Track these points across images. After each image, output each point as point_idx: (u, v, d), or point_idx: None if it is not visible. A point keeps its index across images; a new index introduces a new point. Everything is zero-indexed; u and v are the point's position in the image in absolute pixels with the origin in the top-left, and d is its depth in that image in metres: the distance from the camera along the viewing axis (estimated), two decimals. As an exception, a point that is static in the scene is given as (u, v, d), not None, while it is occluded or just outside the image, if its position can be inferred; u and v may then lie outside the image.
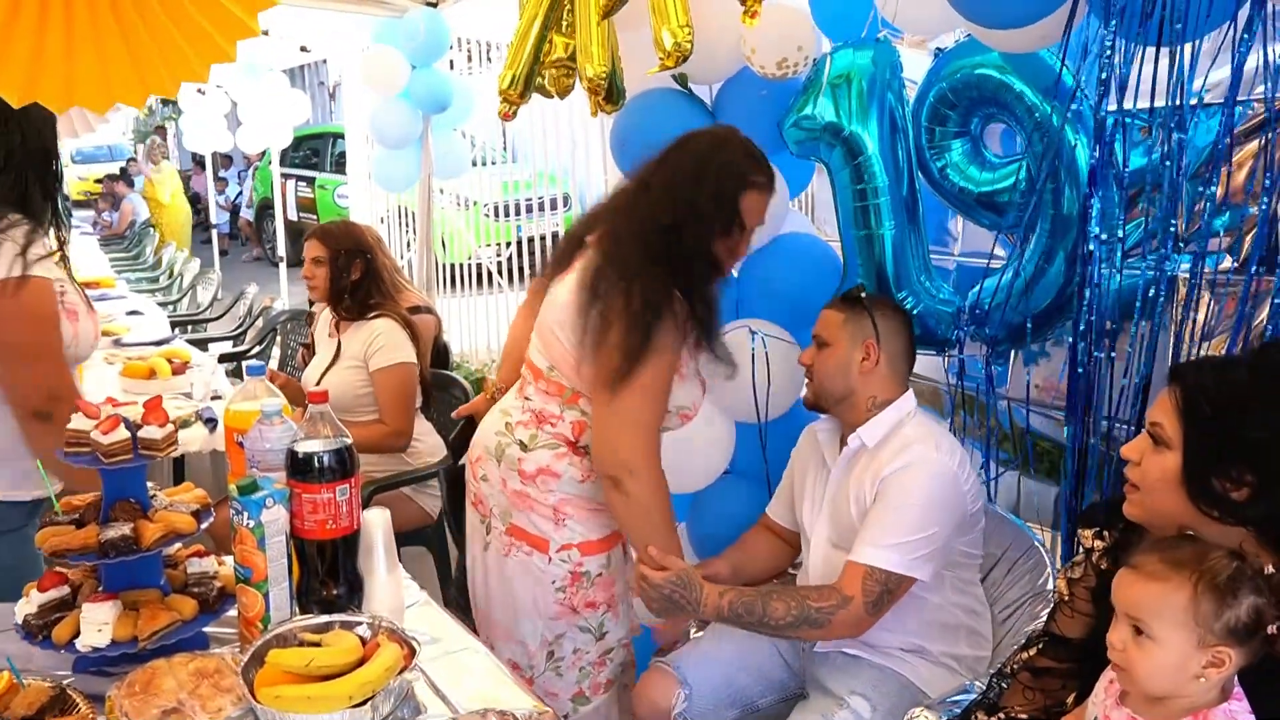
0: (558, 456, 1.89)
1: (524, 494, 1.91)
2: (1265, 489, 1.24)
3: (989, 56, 2.00)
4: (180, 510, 1.54)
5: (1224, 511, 1.26)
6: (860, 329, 1.91)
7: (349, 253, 2.97)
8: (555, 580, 1.91)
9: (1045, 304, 2.02)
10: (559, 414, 1.90)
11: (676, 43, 1.73)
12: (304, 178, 11.73)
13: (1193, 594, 1.15)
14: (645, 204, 1.87)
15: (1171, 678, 1.17)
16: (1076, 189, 1.89)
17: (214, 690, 1.37)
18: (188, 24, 1.19)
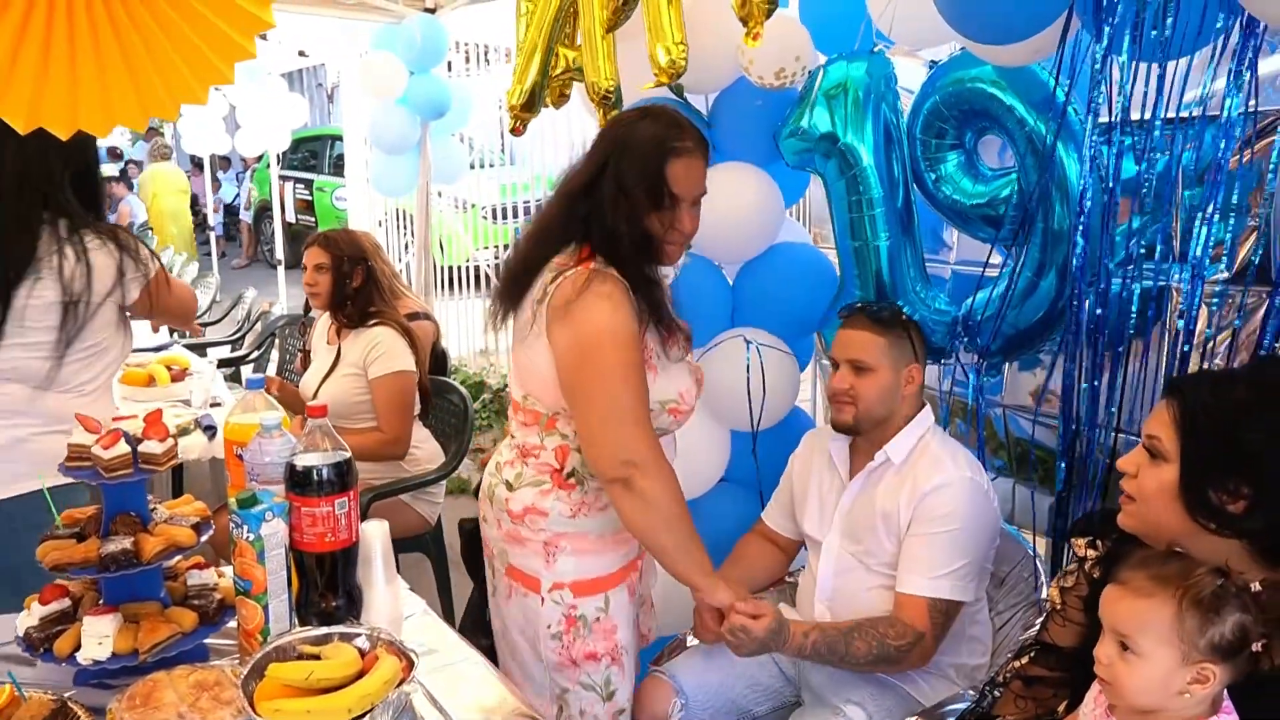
0: (542, 494, 1.81)
1: (515, 533, 1.84)
2: (1261, 501, 1.26)
3: (982, 70, 2.01)
4: (180, 523, 1.56)
5: (1221, 524, 1.27)
6: (903, 353, 1.91)
7: (351, 260, 2.98)
8: (550, 625, 1.83)
9: (1037, 317, 2.04)
10: (540, 443, 1.82)
11: (671, 59, 1.74)
12: (302, 180, 11.74)
13: (1177, 610, 1.16)
14: (571, 185, 1.82)
15: (1157, 693, 1.18)
16: (1068, 204, 1.91)
17: (214, 703, 1.38)
18: (186, 47, 1.21)
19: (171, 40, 1.19)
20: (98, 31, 1.19)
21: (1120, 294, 1.85)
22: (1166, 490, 1.31)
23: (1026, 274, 2.01)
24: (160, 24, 1.23)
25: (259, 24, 1.24)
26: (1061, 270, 1.95)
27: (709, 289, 2.52)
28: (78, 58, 1.17)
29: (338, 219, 10.10)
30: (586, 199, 1.77)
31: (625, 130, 1.78)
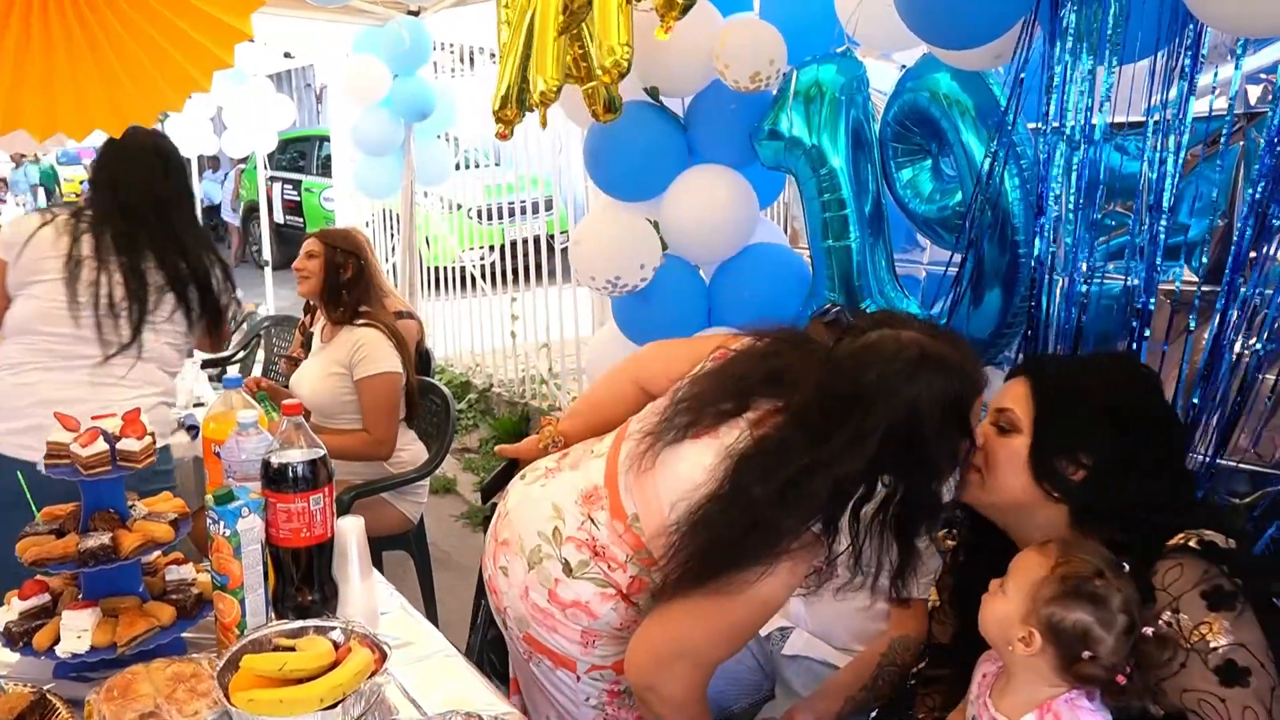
0: (603, 598, 1.56)
1: (549, 614, 1.61)
2: (1098, 474, 1.38)
3: (938, 79, 2.06)
4: (158, 520, 1.58)
5: (1062, 491, 1.39)
6: None
7: (344, 251, 3.03)
8: (590, 699, 1.65)
9: (991, 328, 2.09)
10: (622, 562, 1.55)
11: (615, 60, 1.76)
12: (290, 180, 11.74)
13: (1046, 575, 1.25)
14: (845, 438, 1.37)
15: (994, 628, 1.28)
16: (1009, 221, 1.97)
17: (191, 694, 1.42)
18: (164, 57, 1.24)
19: (148, 51, 1.23)
20: (73, 41, 1.22)
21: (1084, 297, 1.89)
22: (1017, 458, 1.41)
23: (974, 285, 2.06)
24: (136, 36, 1.27)
25: (237, 35, 1.28)
26: (1007, 282, 2.00)
27: (685, 289, 2.56)
28: (55, 67, 1.21)
29: (326, 219, 10.11)
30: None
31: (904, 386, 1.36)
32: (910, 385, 1.34)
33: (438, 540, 4.04)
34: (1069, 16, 1.68)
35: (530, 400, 5.39)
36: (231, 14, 1.27)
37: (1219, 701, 1.23)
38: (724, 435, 1.47)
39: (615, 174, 2.55)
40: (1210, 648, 1.24)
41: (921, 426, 1.33)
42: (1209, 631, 1.25)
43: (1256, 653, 1.24)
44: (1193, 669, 1.25)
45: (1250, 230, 1.66)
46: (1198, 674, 1.24)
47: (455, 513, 4.52)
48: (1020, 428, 1.41)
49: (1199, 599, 1.27)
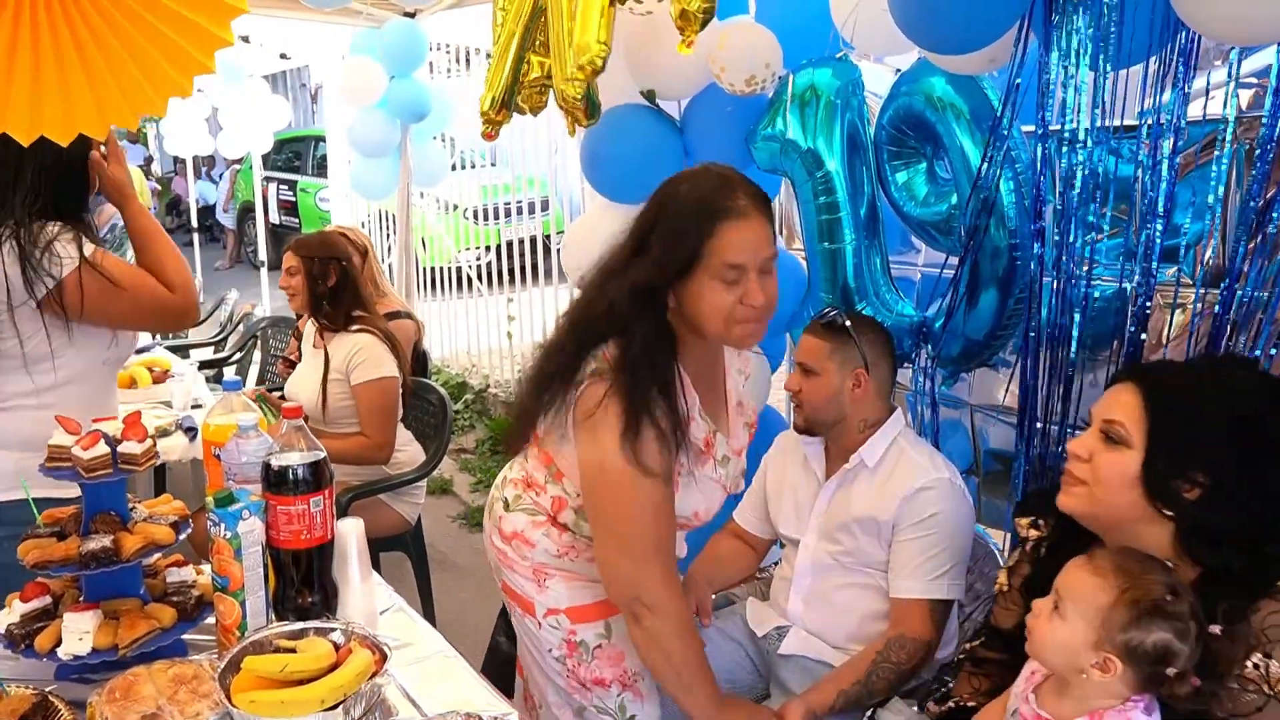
0: (534, 524, 1.77)
1: (504, 553, 1.82)
2: (1215, 490, 1.30)
3: (933, 83, 2.07)
4: (159, 522, 1.59)
5: (1173, 508, 1.32)
6: (849, 358, 1.95)
7: (323, 260, 3.02)
8: (552, 649, 1.79)
9: (985, 330, 2.10)
10: (543, 484, 1.77)
11: (590, 58, 1.78)
12: (286, 181, 11.74)
13: (1115, 600, 1.22)
14: (609, 264, 1.69)
15: (1059, 658, 1.26)
16: (1003, 223, 1.98)
17: (192, 696, 1.43)
18: (146, 60, 1.25)
19: (133, 54, 1.24)
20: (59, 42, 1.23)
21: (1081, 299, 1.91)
22: (1128, 475, 1.33)
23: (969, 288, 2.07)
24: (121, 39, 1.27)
25: (218, 41, 1.28)
26: (1003, 284, 2.01)
27: (682, 291, 2.56)
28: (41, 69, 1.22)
29: (321, 220, 10.11)
30: (621, 279, 1.63)
31: (665, 195, 1.64)
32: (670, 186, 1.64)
33: (435, 541, 4.05)
34: (1062, 22, 1.69)
35: (526, 401, 5.39)
36: (213, 21, 1.28)
37: None
38: None
39: (612, 176, 2.56)
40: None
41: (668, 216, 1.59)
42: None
43: None
44: (1269, 715, 1.21)
45: (1245, 234, 1.67)
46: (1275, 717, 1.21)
47: (452, 513, 4.53)
48: (1131, 442, 1.34)
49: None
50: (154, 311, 2.00)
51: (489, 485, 4.75)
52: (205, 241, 13.09)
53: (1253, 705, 1.22)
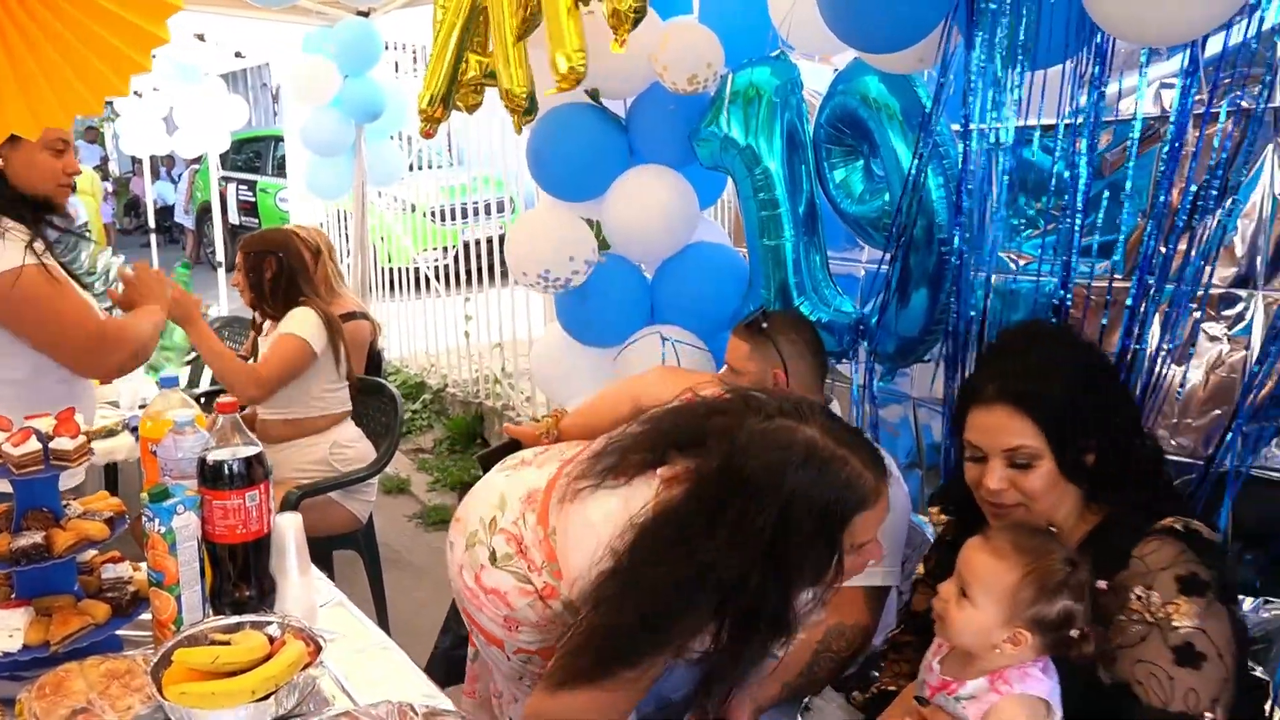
0: (521, 592, 1.62)
1: (475, 595, 1.68)
2: (1103, 443, 1.45)
3: (867, 82, 2.12)
4: (94, 518, 1.59)
5: (1089, 477, 1.45)
6: (767, 358, 1.98)
7: (258, 254, 3.05)
8: (523, 677, 1.71)
9: (918, 327, 2.15)
10: (539, 566, 1.61)
11: (571, 66, 1.80)
12: (245, 181, 11.63)
13: (1020, 580, 1.29)
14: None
15: (974, 639, 1.31)
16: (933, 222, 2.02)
17: (124, 690, 1.43)
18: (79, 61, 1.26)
19: (65, 54, 1.25)
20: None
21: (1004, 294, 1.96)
22: (1051, 479, 1.44)
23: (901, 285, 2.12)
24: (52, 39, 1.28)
25: (153, 39, 1.30)
26: (933, 282, 2.06)
27: (627, 287, 2.60)
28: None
29: (281, 220, 10.02)
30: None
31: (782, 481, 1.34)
32: (788, 482, 1.31)
33: (390, 540, 4.05)
34: (984, 22, 1.74)
35: (485, 400, 5.40)
36: (147, 19, 1.29)
37: (1167, 678, 1.29)
38: (636, 487, 1.50)
39: (558, 174, 2.58)
40: (1173, 626, 1.30)
41: (789, 527, 1.30)
42: (1175, 611, 1.31)
43: (1217, 642, 1.30)
44: (1151, 642, 1.31)
45: (1158, 230, 1.73)
46: (1155, 647, 1.31)
47: (408, 513, 4.53)
48: (1040, 454, 1.43)
49: (1173, 580, 1.33)
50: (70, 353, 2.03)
51: (447, 485, 4.78)
52: (164, 243, 12.94)
53: (1138, 635, 1.32)
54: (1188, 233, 1.85)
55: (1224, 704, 1.29)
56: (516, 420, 4.97)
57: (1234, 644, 1.33)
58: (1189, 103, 1.68)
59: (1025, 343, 1.59)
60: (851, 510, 1.32)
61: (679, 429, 1.51)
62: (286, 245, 3.11)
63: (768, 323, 1.99)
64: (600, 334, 2.65)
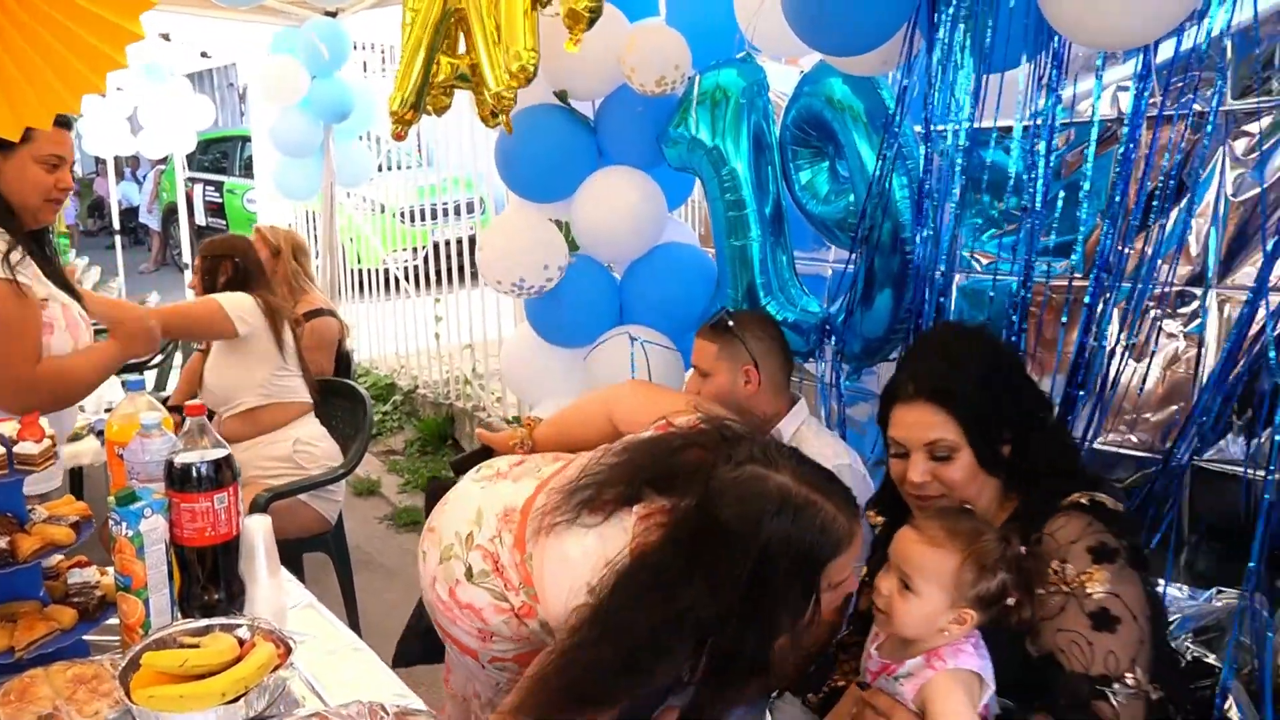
0: (496, 610, 1.62)
1: (449, 607, 1.68)
2: (1018, 436, 1.53)
3: (832, 84, 2.15)
4: (60, 523, 1.58)
5: (1007, 468, 1.53)
6: (736, 357, 2.01)
7: (215, 258, 3.06)
8: (499, 683, 1.71)
9: (882, 326, 2.18)
10: (516, 586, 1.61)
11: (522, 64, 1.81)
12: (212, 182, 11.51)
13: (960, 564, 1.33)
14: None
15: (921, 626, 1.35)
16: (897, 223, 2.06)
17: (91, 695, 1.42)
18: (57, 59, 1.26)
19: (42, 53, 1.24)
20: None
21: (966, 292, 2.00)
22: (970, 470, 1.52)
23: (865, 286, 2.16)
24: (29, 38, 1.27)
25: (128, 36, 1.29)
26: (897, 282, 2.09)
27: (596, 288, 2.61)
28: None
29: (249, 221, 9.94)
30: None
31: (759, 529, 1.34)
32: (764, 531, 1.33)
33: (361, 542, 4.03)
34: (944, 26, 1.77)
35: (455, 402, 5.39)
36: (121, 15, 1.29)
37: (1086, 644, 1.36)
38: (612, 524, 1.51)
39: (526, 176, 2.59)
40: (1088, 594, 1.37)
41: (766, 574, 1.32)
42: (1089, 580, 1.38)
43: (1131, 606, 1.37)
44: (1070, 611, 1.38)
45: (1115, 230, 1.77)
46: (1073, 616, 1.37)
47: (379, 514, 4.51)
48: (958, 446, 1.51)
49: (1085, 551, 1.40)
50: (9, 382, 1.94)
51: (418, 486, 4.77)
52: (129, 244, 12.78)
53: (1057, 606, 1.39)
54: (1144, 232, 1.90)
55: (1142, 664, 1.36)
56: (487, 420, 4.97)
57: (1148, 607, 1.40)
58: (1143, 105, 1.72)
59: (941, 342, 1.68)
60: (828, 555, 1.35)
61: (653, 466, 1.52)
62: (245, 251, 3.11)
63: (733, 321, 2.01)
64: (570, 335, 2.67)
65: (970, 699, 1.31)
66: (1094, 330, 1.85)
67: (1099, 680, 1.34)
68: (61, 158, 2.02)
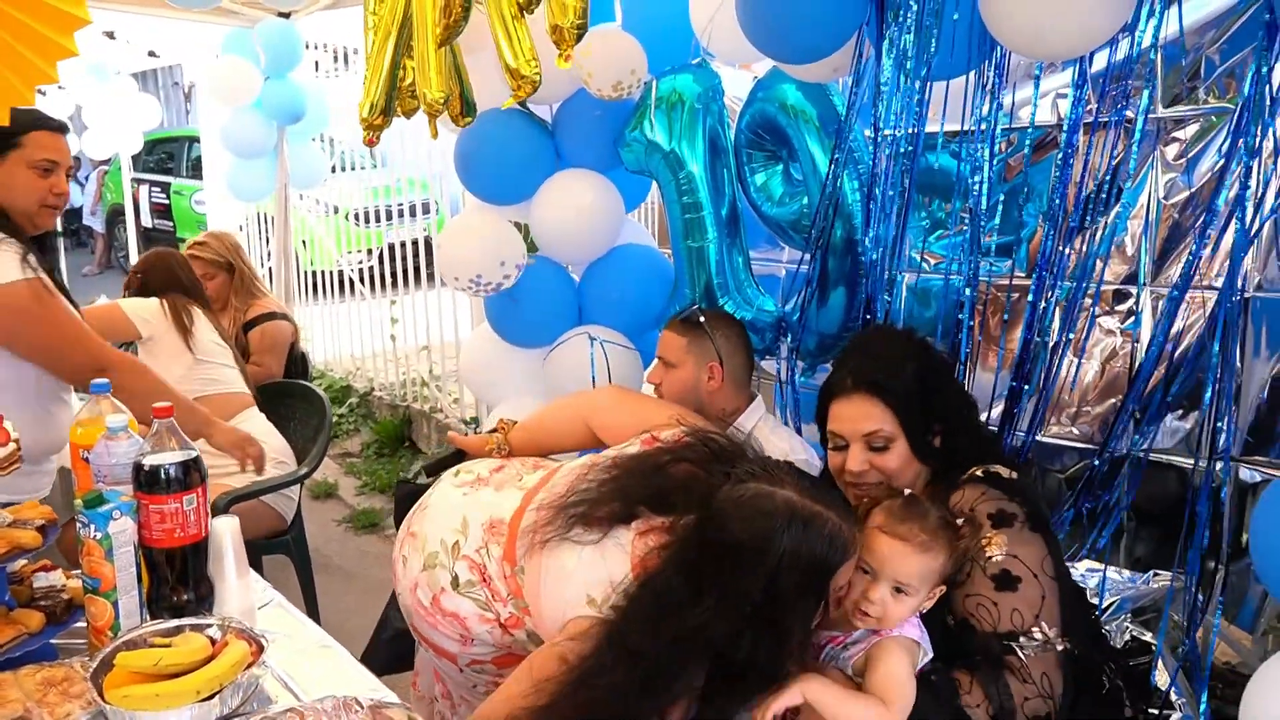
0: (481, 619, 1.66)
1: (431, 613, 1.70)
2: (947, 428, 1.65)
3: (785, 90, 2.22)
4: (25, 527, 1.58)
5: (936, 456, 1.65)
6: (704, 352, 2.07)
7: (139, 273, 3.15)
8: (477, 685, 1.75)
9: (836, 324, 2.26)
10: (504, 597, 1.64)
11: (526, 75, 1.85)
12: (158, 183, 11.31)
13: (946, 559, 1.43)
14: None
15: (910, 615, 1.44)
16: (848, 224, 2.13)
17: (62, 697, 1.43)
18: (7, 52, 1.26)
19: None
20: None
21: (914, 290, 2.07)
22: (905, 459, 1.64)
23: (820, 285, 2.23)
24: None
25: (75, 22, 1.31)
26: (850, 281, 2.17)
27: (555, 289, 2.66)
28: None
29: (197, 223, 9.79)
30: None
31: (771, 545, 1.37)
32: (775, 546, 1.35)
33: (320, 545, 4.02)
34: (892, 36, 1.85)
35: (412, 403, 5.39)
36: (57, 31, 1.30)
37: (992, 605, 1.46)
38: (611, 539, 1.52)
39: (486, 178, 2.63)
40: (988, 558, 1.48)
41: (778, 588, 1.34)
42: (989, 544, 1.49)
43: (1030, 565, 1.47)
44: (975, 576, 1.48)
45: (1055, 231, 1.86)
46: (978, 580, 1.48)
47: (337, 517, 4.50)
48: (894, 436, 1.63)
49: (984, 518, 1.51)
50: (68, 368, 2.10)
51: (375, 488, 4.76)
52: (72, 246, 12.51)
53: (964, 573, 1.50)
54: (1082, 233, 1.99)
55: (1048, 618, 1.45)
56: (445, 422, 4.97)
57: (1051, 564, 1.50)
58: (1079, 112, 1.81)
59: (875, 342, 1.79)
60: (836, 563, 1.37)
61: (645, 486, 1.54)
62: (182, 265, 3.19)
63: (705, 318, 2.07)
64: (530, 335, 2.71)
65: (911, 663, 1.40)
66: (1037, 327, 1.93)
67: (1006, 636, 1.44)
68: (55, 162, 2.02)
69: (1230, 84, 1.88)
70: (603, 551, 1.52)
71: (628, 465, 1.60)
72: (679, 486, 1.49)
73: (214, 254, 3.62)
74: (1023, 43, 1.59)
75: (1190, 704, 1.62)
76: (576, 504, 1.56)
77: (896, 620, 1.42)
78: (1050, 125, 2.13)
